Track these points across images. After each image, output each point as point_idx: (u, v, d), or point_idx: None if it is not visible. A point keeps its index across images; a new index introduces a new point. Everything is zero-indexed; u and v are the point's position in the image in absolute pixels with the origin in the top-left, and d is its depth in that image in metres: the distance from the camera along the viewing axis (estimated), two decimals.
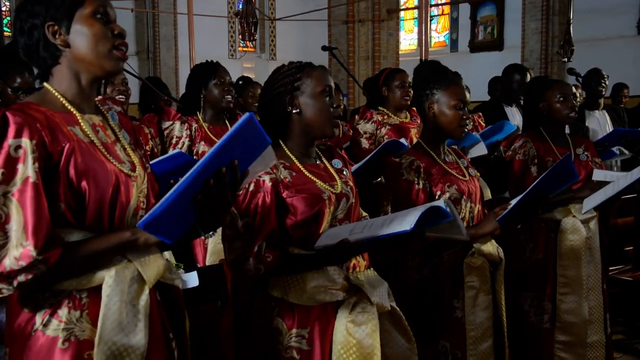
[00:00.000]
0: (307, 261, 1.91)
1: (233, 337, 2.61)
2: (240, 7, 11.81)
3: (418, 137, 3.67)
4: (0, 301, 1.53)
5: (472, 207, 2.51)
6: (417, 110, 2.64)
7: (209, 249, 3.14)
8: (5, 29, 10.44)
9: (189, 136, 3.28)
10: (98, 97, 1.71)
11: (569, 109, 2.97)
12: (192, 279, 2.28)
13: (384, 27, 11.31)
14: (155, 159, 2.37)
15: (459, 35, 13.36)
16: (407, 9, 13.88)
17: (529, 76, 4.62)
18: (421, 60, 3.40)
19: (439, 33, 13.92)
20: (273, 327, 1.92)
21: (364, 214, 2.21)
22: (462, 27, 13.26)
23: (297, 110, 1.97)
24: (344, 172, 2.08)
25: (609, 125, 5.18)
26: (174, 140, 3.29)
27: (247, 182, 1.83)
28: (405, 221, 1.66)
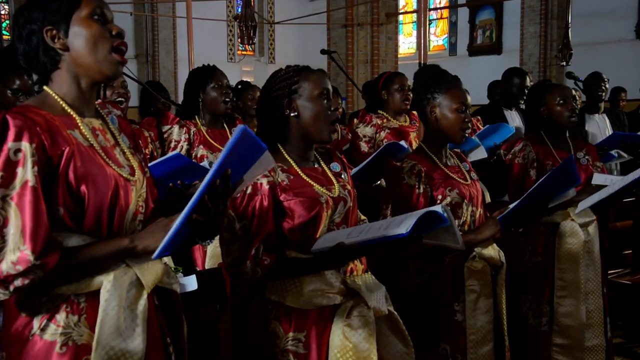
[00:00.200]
0: (304, 265, 1.90)
1: (232, 341, 2.58)
2: (239, 10, 11.89)
3: (417, 140, 3.73)
4: None
5: (473, 211, 2.51)
6: (418, 114, 2.64)
7: (208, 253, 3.13)
8: (4, 32, 10.45)
9: (188, 140, 3.27)
10: (97, 100, 1.70)
11: (569, 111, 2.98)
12: (190, 283, 2.27)
13: (382, 30, 11.32)
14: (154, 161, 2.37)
15: (457, 39, 13.40)
16: (406, 12, 13.90)
17: (528, 80, 4.62)
18: (420, 64, 3.39)
19: (437, 37, 13.95)
20: (270, 331, 1.92)
21: (362, 217, 2.20)
22: (460, 31, 13.29)
23: (295, 113, 1.96)
24: (342, 176, 2.07)
25: (608, 129, 5.17)
26: (172, 144, 3.28)
27: (242, 188, 1.81)
28: (402, 225, 1.65)
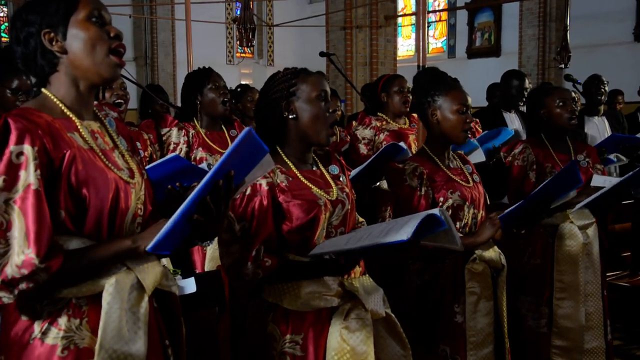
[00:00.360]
0: (306, 268, 1.90)
1: (231, 343, 2.59)
2: (238, 13, 11.84)
3: (416, 143, 3.73)
4: None
5: (475, 213, 2.52)
6: (419, 117, 2.65)
7: (208, 255, 3.13)
8: (3, 35, 10.45)
9: (187, 142, 3.28)
10: (94, 102, 1.69)
11: (568, 113, 2.99)
12: (189, 285, 2.28)
13: (381, 33, 11.30)
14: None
15: (456, 42, 13.40)
16: (404, 15, 13.91)
17: (527, 82, 4.63)
18: (419, 67, 3.38)
19: (436, 39, 13.96)
20: (267, 333, 1.92)
21: (360, 219, 2.20)
22: (459, 34, 13.30)
23: (294, 115, 1.97)
24: (340, 179, 2.07)
25: (607, 131, 5.17)
26: (171, 147, 3.28)
27: (243, 189, 1.82)
28: (402, 231, 1.64)
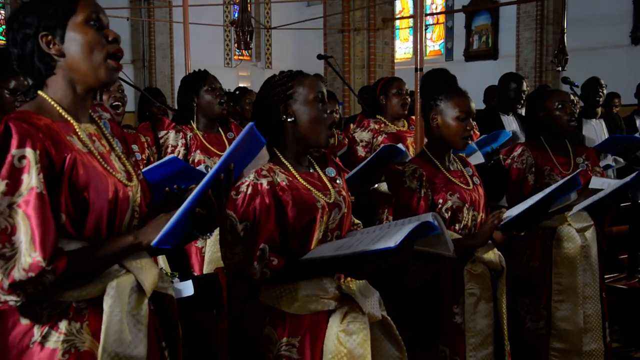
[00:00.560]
0: (314, 267, 1.88)
1: (229, 346, 2.58)
2: (236, 15, 11.79)
3: (414, 146, 3.73)
4: None
5: (475, 216, 2.53)
6: (423, 117, 2.65)
7: (207, 258, 3.11)
8: (0, 37, 10.44)
9: (185, 145, 3.27)
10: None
11: (568, 116, 3.00)
12: (187, 288, 2.28)
13: (379, 35, 11.33)
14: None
15: (454, 44, 13.38)
16: (402, 17, 13.91)
17: (525, 85, 4.64)
18: (416, 70, 3.39)
19: (434, 42, 13.95)
20: (264, 336, 1.91)
21: (356, 221, 2.20)
22: (457, 36, 13.29)
23: (292, 118, 1.97)
24: (337, 181, 2.08)
25: (605, 134, 5.17)
26: (169, 150, 3.27)
27: (241, 181, 1.86)
28: (392, 239, 1.66)
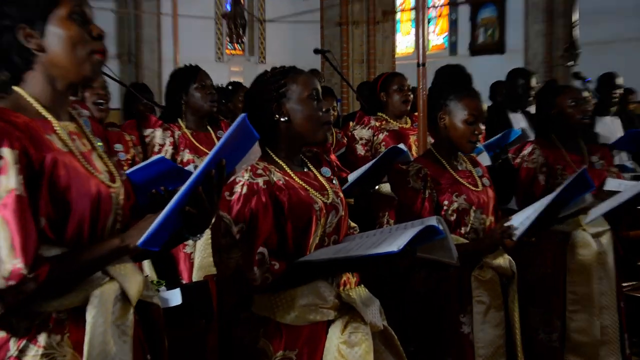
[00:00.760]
0: (317, 269, 1.81)
1: (219, 358, 2.52)
2: (228, 8, 11.75)
3: (417, 144, 3.62)
4: None
5: (483, 219, 2.49)
6: (428, 115, 2.63)
7: (196, 264, 3.08)
8: None
9: (173, 144, 3.23)
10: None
11: (581, 113, 2.93)
12: (174, 297, 2.26)
13: (379, 29, 11.20)
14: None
15: (458, 38, 13.27)
16: (403, 10, 13.80)
17: (534, 81, 4.55)
18: (418, 65, 3.27)
19: (437, 35, 13.83)
20: (259, 349, 1.83)
21: (352, 224, 2.14)
22: (461, 30, 13.18)
23: (286, 117, 1.91)
24: (333, 182, 2.03)
25: (621, 132, 5.07)
26: (156, 149, 3.23)
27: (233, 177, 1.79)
28: (394, 243, 1.61)
